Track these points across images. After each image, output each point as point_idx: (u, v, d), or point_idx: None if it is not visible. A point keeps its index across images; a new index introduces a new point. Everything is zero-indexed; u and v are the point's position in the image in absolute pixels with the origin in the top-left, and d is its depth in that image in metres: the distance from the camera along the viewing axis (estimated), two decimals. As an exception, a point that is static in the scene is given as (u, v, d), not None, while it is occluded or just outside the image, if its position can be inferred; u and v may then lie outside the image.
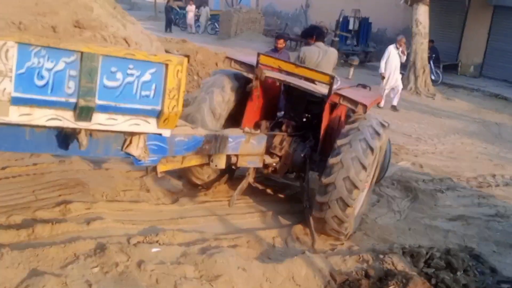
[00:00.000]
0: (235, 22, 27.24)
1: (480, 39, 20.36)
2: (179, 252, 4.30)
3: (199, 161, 4.92)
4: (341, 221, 5.08)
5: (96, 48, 3.58)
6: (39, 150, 4.22)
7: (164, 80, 3.90)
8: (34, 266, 3.75)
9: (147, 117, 3.99)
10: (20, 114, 3.50)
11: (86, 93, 3.60)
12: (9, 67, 3.31)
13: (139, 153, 4.14)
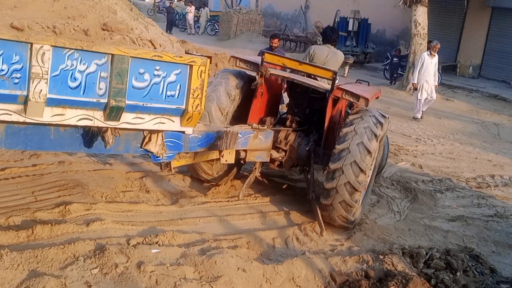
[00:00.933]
0: (234, 23, 27.28)
1: (479, 40, 20.40)
2: (178, 253, 4.30)
3: (210, 157, 5.13)
4: (349, 206, 5.29)
5: (126, 51, 3.76)
6: (63, 148, 4.36)
7: (188, 80, 4.12)
8: (33, 267, 3.75)
9: (172, 116, 4.20)
10: (53, 115, 3.67)
11: (117, 93, 3.77)
12: (45, 70, 3.46)
13: (157, 150, 4.33)
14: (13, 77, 3.44)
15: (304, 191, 6.54)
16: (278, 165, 5.98)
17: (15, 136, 3.78)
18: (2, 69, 3.38)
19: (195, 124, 4.44)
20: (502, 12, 19.70)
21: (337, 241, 5.36)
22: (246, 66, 5.95)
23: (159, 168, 6.50)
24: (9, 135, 3.75)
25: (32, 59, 3.44)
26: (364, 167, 5.21)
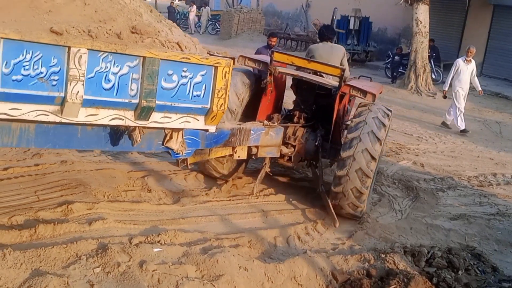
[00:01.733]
0: (235, 22, 27.27)
1: (480, 38, 20.34)
2: (180, 252, 4.31)
3: (224, 153, 5.32)
4: (360, 193, 5.52)
5: (156, 53, 3.96)
6: (90, 146, 4.52)
7: (213, 80, 4.35)
8: (36, 266, 3.76)
9: (197, 115, 4.44)
10: (87, 115, 3.85)
11: (148, 94, 3.98)
12: (81, 72, 3.64)
13: (177, 147, 4.53)
14: (51, 79, 3.59)
15: (306, 190, 6.55)
16: (287, 160, 6.15)
17: (44, 135, 3.92)
18: (41, 72, 3.53)
19: (218, 123, 4.68)
20: (504, 10, 19.65)
21: (338, 239, 5.36)
22: (255, 65, 6.13)
23: (161, 167, 6.53)
24: (39, 134, 3.89)
25: (69, 62, 3.59)
26: (374, 154, 5.46)
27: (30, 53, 3.48)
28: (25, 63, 3.48)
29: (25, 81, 3.53)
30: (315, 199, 6.33)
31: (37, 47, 3.49)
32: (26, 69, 3.50)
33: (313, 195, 6.41)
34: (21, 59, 3.47)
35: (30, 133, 3.87)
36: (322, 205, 6.16)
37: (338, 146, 5.92)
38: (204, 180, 6.39)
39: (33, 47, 3.47)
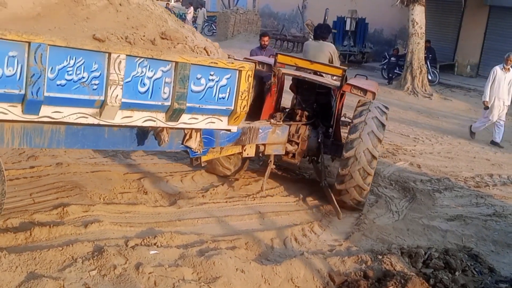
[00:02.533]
0: (232, 23, 27.29)
1: (477, 39, 20.40)
2: (177, 254, 4.29)
3: (234, 151, 5.58)
4: (362, 189, 5.86)
5: (188, 58, 4.25)
6: (116, 146, 4.75)
7: (237, 83, 4.66)
8: (31, 269, 3.73)
9: (221, 116, 4.76)
10: (123, 117, 4.12)
11: (179, 97, 4.27)
12: (120, 77, 3.90)
13: (196, 146, 4.83)
14: (92, 83, 3.84)
15: (303, 191, 6.54)
16: (291, 157, 6.38)
17: (74, 136, 4.17)
18: (83, 77, 3.78)
19: (240, 123, 4.99)
20: (500, 11, 19.71)
21: (335, 241, 5.35)
22: (260, 67, 6.28)
23: (157, 169, 6.52)
24: (69, 136, 4.14)
25: (110, 67, 3.84)
26: (375, 153, 5.79)
27: (73, 59, 3.71)
28: (68, 68, 3.71)
29: (68, 86, 3.75)
30: (312, 200, 6.33)
31: (80, 53, 3.72)
32: (70, 74, 3.72)
33: (310, 196, 6.41)
34: (65, 64, 3.69)
35: (61, 134, 4.10)
36: (318, 206, 6.17)
37: (339, 142, 6.29)
38: (201, 182, 6.38)
39: (77, 53, 3.70)
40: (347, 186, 5.87)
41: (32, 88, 3.57)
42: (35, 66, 3.54)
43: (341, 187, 5.91)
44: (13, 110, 3.66)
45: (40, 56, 3.53)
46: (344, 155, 5.84)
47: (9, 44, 3.43)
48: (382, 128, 5.93)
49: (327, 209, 6.11)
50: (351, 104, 7.16)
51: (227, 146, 5.30)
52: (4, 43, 3.42)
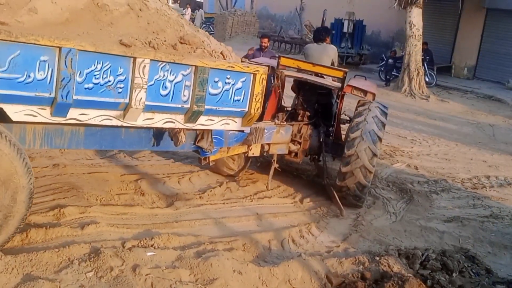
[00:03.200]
0: (229, 25, 27.32)
1: (474, 41, 20.47)
2: (174, 255, 4.28)
3: (240, 151, 5.73)
4: (363, 186, 6.05)
5: (207, 62, 4.46)
6: (131, 147, 4.94)
7: (251, 86, 4.88)
8: (28, 271, 3.72)
9: (235, 117, 4.98)
10: (144, 119, 4.32)
11: (198, 100, 4.47)
12: (144, 81, 4.09)
13: (207, 146, 5.00)
14: (117, 87, 4.02)
15: (300, 193, 6.54)
16: (293, 156, 6.57)
17: (92, 137, 4.34)
18: (109, 81, 3.95)
19: (252, 124, 5.22)
20: (497, 13, 19.78)
21: (333, 242, 5.35)
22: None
23: (154, 170, 6.51)
24: (88, 136, 4.30)
25: (135, 71, 4.02)
26: (376, 151, 6.00)
27: (101, 63, 3.88)
28: (96, 72, 3.87)
29: (95, 89, 3.91)
30: (309, 202, 6.33)
31: (107, 58, 3.89)
32: (97, 78, 3.89)
33: (307, 198, 6.41)
34: (93, 68, 3.86)
35: (80, 135, 4.27)
36: (316, 207, 6.17)
37: (339, 141, 6.47)
38: (198, 184, 6.37)
39: (104, 58, 3.87)
40: (348, 183, 6.05)
41: (62, 91, 3.72)
42: (65, 70, 3.68)
43: (342, 184, 6.11)
44: (42, 113, 3.80)
45: (70, 61, 3.68)
46: (346, 153, 6.03)
47: (41, 49, 3.57)
48: (382, 127, 6.14)
49: (324, 211, 6.11)
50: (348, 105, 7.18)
51: (234, 146, 5.48)
52: (36, 48, 3.55)
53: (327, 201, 6.41)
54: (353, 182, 6.03)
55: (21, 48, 3.52)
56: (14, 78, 3.56)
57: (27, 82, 3.62)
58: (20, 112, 3.72)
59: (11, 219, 3.90)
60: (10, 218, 3.89)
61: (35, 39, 3.53)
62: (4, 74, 3.51)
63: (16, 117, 3.74)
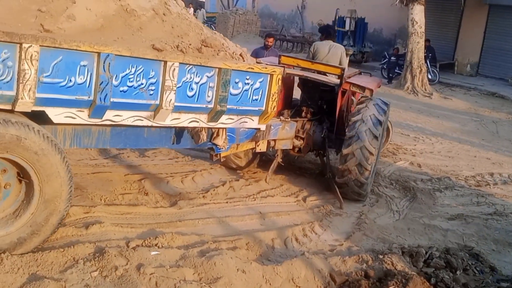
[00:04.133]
0: (231, 24, 27.30)
1: (476, 38, 20.42)
2: (178, 255, 4.29)
3: (249, 147, 5.89)
4: (360, 183, 6.20)
5: (229, 64, 4.72)
6: (153, 145, 5.16)
7: (268, 86, 5.16)
8: (33, 270, 3.74)
9: (253, 116, 5.27)
10: (172, 119, 4.56)
11: (221, 100, 4.74)
12: (174, 83, 4.32)
13: (221, 143, 5.19)
14: (149, 89, 4.24)
15: (303, 191, 6.55)
16: (297, 151, 6.78)
17: (118, 136, 4.53)
18: (142, 83, 4.18)
19: (268, 121, 5.52)
20: (499, 10, 19.73)
21: (336, 241, 5.35)
22: None
23: (157, 170, 6.52)
24: (114, 136, 4.50)
25: (165, 74, 4.25)
26: (372, 150, 6.10)
27: (134, 67, 4.10)
28: (130, 76, 4.10)
29: (129, 92, 4.14)
30: (312, 200, 6.34)
31: (140, 62, 4.11)
32: (131, 81, 4.11)
33: (310, 196, 6.42)
34: (127, 72, 4.07)
35: (106, 135, 4.46)
36: (319, 206, 6.17)
37: (342, 137, 6.51)
38: (201, 183, 6.38)
39: (138, 62, 4.09)
40: (346, 180, 6.25)
41: (101, 94, 3.92)
42: (104, 74, 3.89)
43: (341, 181, 6.31)
44: (80, 115, 4.00)
45: (108, 65, 3.89)
46: (343, 152, 6.22)
47: (81, 54, 3.77)
48: (379, 125, 6.21)
49: (327, 209, 6.12)
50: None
51: (244, 142, 5.66)
52: (77, 54, 3.75)
53: (330, 200, 6.42)
54: (351, 180, 6.20)
55: (64, 54, 3.70)
56: (57, 82, 3.74)
57: (69, 86, 3.80)
58: (60, 114, 3.91)
59: (36, 237, 4.01)
60: (35, 236, 4.00)
61: (77, 45, 3.71)
62: (48, 78, 3.69)
63: (57, 119, 3.91)
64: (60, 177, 3.92)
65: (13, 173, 3.92)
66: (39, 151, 3.76)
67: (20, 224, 3.92)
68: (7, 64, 3.50)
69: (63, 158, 3.92)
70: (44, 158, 3.80)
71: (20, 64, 3.51)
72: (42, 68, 3.63)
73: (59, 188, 3.94)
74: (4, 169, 3.86)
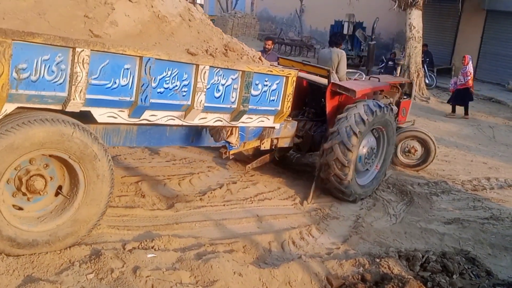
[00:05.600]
0: (230, 27, 27.32)
1: (473, 43, 20.47)
2: (174, 257, 4.28)
3: (255, 145, 6.15)
4: (340, 179, 6.30)
5: (252, 67, 5.08)
6: (174, 143, 5.38)
7: (284, 87, 5.53)
8: (29, 272, 3.73)
9: (269, 115, 5.63)
10: (200, 118, 4.88)
11: (244, 101, 5.10)
12: (204, 85, 4.65)
13: (234, 141, 5.44)
14: (182, 90, 4.56)
15: (300, 194, 6.55)
16: (297, 149, 7.08)
17: (143, 135, 4.80)
18: (176, 85, 4.49)
19: (282, 121, 5.89)
20: (496, 15, 19.80)
21: (333, 244, 5.35)
22: None
23: (154, 172, 6.51)
24: (139, 135, 4.77)
25: (197, 77, 4.58)
26: (349, 146, 6.21)
27: (170, 70, 4.41)
28: (166, 78, 4.40)
29: (165, 93, 4.44)
30: (309, 204, 6.33)
31: (175, 65, 4.42)
32: (167, 83, 4.42)
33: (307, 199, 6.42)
34: (164, 75, 4.38)
35: (133, 134, 4.73)
36: (316, 209, 6.17)
37: None
38: (198, 185, 6.37)
39: (173, 65, 4.41)
40: (326, 175, 6.38)
41: (142, 95, 4.23)
42: (145, 77, 4.20)
43: (323, 176, 6.45)
44: (121, 115, 4.29)
45: (149, 68, 4.20)
46: (323, 146, 6.40)
47: (126, 58, 4.07)
48: (362, 123, 6.27)
49: (325, 212, 6.12)
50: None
51: (251, 140, 5.93)
52: (122, 58, 4.04)
53: (327, 203, 6.42)
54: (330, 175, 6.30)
55: (110, 57, 3.98)
56: (103, 84, 4.02)
57: (113, 88, 4.09)
58: (104, 114, 4.18)
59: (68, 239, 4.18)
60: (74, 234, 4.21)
61: (123, 50, 4.01)
62: (95, 81, 3.96)
63: (101, 119, 4.18)
64: (104, 177, 4.20)
65: (56, 168, 4.15)
66: (88, 149, 4.03)
67: (64, 219, 4.13)
68: (60, 67, 3.74)
69: (107, 156, 4.19)
70: (91, 155, 4.07)
71: (72, 67, 3.77)
72: (91, 71, 3.89)
73: (101, 186, 4.21)
74: (46, 164, 4.05)
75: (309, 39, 26.45)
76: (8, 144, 3.62)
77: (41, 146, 3.80)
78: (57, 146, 3.87)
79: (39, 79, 3.65)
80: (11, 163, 3.73)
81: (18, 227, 3.87)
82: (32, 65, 3.59)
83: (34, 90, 3.66)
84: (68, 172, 4.14)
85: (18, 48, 3.47)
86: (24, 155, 3.77)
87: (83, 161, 4.04)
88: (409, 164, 8.38)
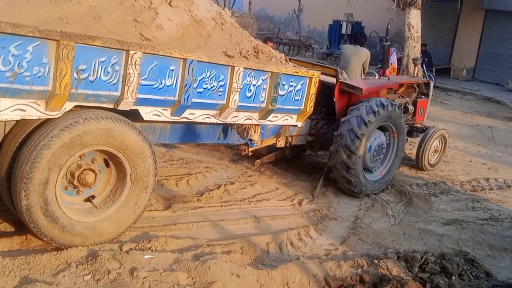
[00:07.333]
0: (228, 26, 27.23)
1: (473, 42, 20.48)
2: (172, 258, 4.26)
3: (271, 142, 6.30)
4: (348, 180, 6.51)
5: (280, 69, 5.39)
6: (202, 140, 5.59)
7: (307, 87, 5.83)
8: (25, 273, 3.71)
9: (293, 114, 5.94)
10: (232, 117, 5.20)
11: (272, 100, 5.42)
12: (238, 85, 4.98)
13: (256, 138, 5.70)
14: (218, 91, 4.87)
15: (299, 195, 6.54)
16: (310, 147, 7.28)
17: (175, 132, 5.08)
18: (213, 85, 4.80)
19: (305, 119, 6.23)
20: (495, 15, 19.80)
21: (331, 245, 5.33)
22: None
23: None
24: (172, 132, 5.05)
25: (232, 78, 4.89)
26: (352, 148, 6.39)
27: (209, 71, 4.71)
28: (205, 79, 4.72)
29: (204, 93, 4.75)
30: (307, 205, 6.32)
31: (214, 67, 4.73)
32: (206, 83, 4.73)
33: (306, 200, 6.40)
34: (204, 76, 4.70)
35: (167, 131, 5.00)
36: (314, 210, 6.15)
37: None
38: (196, 186, 6.35)
39: (212, 67, 4.71)
40: (335, 176, 6.65)
41: (184, 95, 4.54)
42: (188, 78, 4.50)
43: (332, 176, 6.71)
44: (164, 113, 4.61)
45: (191, 70, 4.50)
46: (330, 149, 6.60)
47: (171, 60, 4.38)
48: (364, 126, 6.41)
49: (323, 213, 6.10)
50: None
51: (269, 138, 6.17)
52: (168, 60, 4.36)
53: (325, 204, 6.40)
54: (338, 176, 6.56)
55: (158, 59, 4.29)
56: (151, 84, 4.34)
57: (160, 88, 4.40)
58: (149, 112, 4.51)
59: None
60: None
61: (170, 52, 4.32)
62: (145, 81, 4.27)
63: (147, 117, 4.51)
64: (149, 173, 4.50)
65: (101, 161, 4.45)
66: (137, 146, 4.32)
67: (115, 208, 4.48)
68: (115, 68, 4.05)
69: (152, 153, 4.47)
70: (140, 151, 4.36)
71: (126, 68, 4.08)
72: (142, 72, 4.19)
73: (146, 179, 4.51)
74: (94, 158, 4.33)
75: (307, 39, 26.44)
76: (74, 136, 3.92)
77: (99, 142, 4.10)
78: (111, 142, 4.17)
79: (96, 79, 3.96)
80: (73, 155, 4.02)
81: (73, 218, 4.20)
82: (91, 66, 3.90)
83: (91, 89, 3.97)
84: (116, 168, 4.47)
85: (79, 50, 3.78)
86: (82, 149, 4.05)
87: (132, 157, 4.35)
88: (431, 164, 8.56)
